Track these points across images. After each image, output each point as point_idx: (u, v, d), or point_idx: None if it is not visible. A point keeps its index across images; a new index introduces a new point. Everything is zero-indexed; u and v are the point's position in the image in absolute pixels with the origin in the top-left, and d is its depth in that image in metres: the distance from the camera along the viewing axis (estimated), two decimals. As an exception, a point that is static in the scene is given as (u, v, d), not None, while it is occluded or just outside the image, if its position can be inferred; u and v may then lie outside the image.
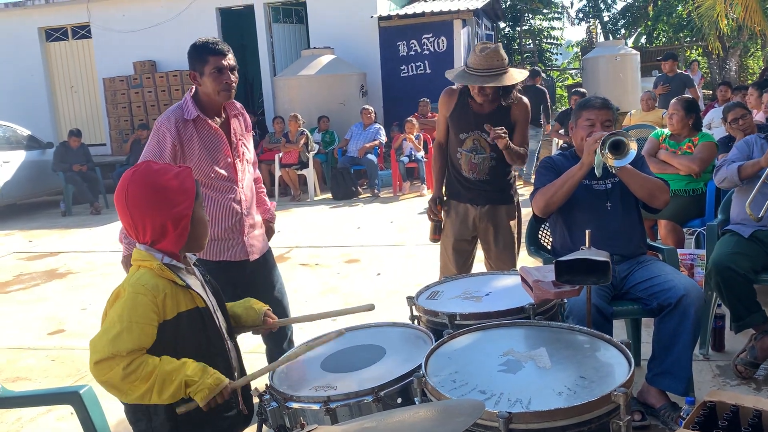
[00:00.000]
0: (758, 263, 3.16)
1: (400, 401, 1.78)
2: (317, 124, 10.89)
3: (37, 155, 10.51)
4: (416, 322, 2.26)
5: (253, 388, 1.94)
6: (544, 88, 10.23)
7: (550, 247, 3.43)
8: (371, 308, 1.97)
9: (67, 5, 13.54)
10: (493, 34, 16.77)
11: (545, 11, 22.06)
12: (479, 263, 3.64)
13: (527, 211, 3.40)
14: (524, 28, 21.67)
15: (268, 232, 3.07)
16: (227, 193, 2.72)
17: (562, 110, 10.79)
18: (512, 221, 3.42)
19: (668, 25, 21.30)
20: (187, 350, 1.75)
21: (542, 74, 12.53)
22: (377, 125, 10.34)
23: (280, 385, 1.89)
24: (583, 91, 9.41)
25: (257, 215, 2.92)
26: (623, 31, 22.94)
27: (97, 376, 1.63)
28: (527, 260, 3.68)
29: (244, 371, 1.99)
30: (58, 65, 14.23)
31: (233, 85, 2.65)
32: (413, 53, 12.58)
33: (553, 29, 22.68)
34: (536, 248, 3.41)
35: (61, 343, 4.50)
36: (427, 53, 12.53)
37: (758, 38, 16.56)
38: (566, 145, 8.68)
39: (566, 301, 2.30)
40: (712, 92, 13.72)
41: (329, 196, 9.87)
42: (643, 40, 23.19)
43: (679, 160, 4.49)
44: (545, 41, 22.67)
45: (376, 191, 9.69)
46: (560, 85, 22.48)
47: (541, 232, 3.51)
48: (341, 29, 12.39)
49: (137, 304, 1.66)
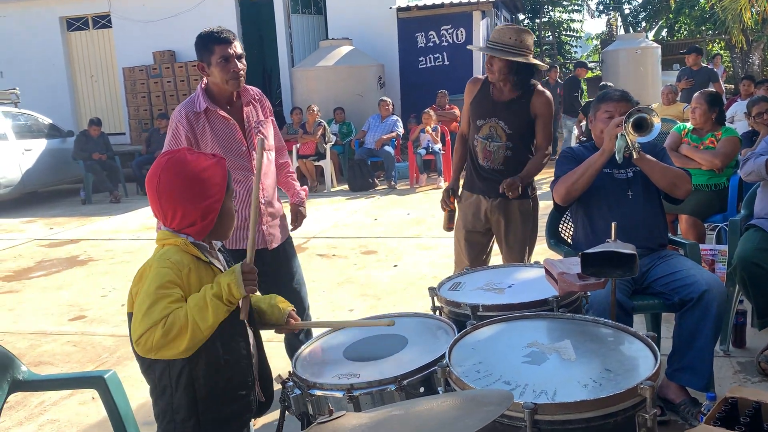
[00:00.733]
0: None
1: (422, 390, 1.78)
2: (333, 115, 10.90)
3: (57, 144, 10.63)
4: (438, 312, 2.26)
5: (276, 375, 1.95)
6: (561, 81, 10.18)
7: (570, 240, 3.41)
8: (391, 324, 1.99)
9: (88, -5, 13.65)
10: (512, 26, 16.63)
11: (565, 3, 21.89)
12: (498, 256, 3.63)
13: (547, 204, 3.38)
14: (543, 20, 21.50)
15: (297, 216, 3.04)
16: (243, 182, 2.70)
17: (585, 102, 10.73)
18: (526, 217, 3.35)
19: (690, 17, 21.04)
20: None
21: (556, 68, 12.45)
22: (395, 117, 10.32)
23: (303, 372, 1.89)
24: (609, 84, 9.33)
25: (277, 203, 2.90)
26: (644, 23, 22.71)
27: (143, 351, 1.64)
28: (546, 253, 3.66)
29: (263, 357, 2.00)
30: (78, 55, 14.35)
31: (241, 72, 2.60)
32: (432, 44, 12.52)
33: (572, 21, 22.50)
34: (556, 241, 3.39)
35: (82, 329, 4.56)
36: (445, 45, 12.46)
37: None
38: (584, 138, 8.61)
39: (589, 294, 2.29)
40: (734, 86, 13.55)
41: (346, 187, 9.88)
42: (664, 33, 22.94)
43: (701, 154, 4.44)
44: (564, 33, 22.48)
45: (392, 183, 9.68)
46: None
47: (561, 225, 3.49)
48: (360, 20, 12.36)
49: (162, 276, 1.68)
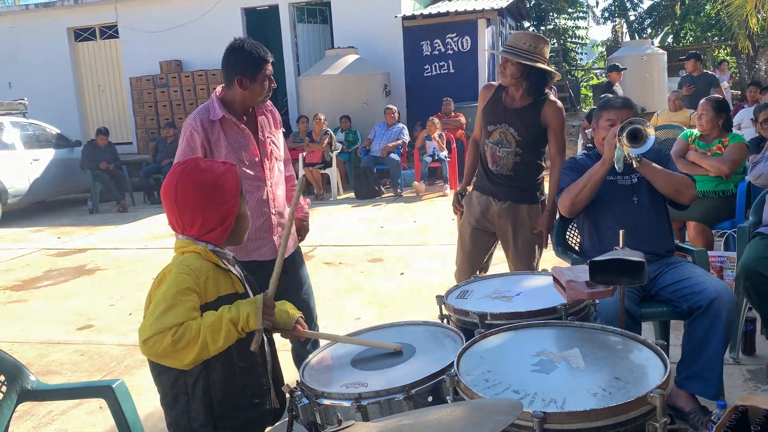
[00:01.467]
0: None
1: (431, 400, 1.77)
2: (339, 123, 10.93)
3: (65, 153, 10.70)
4: (446, 321, 2.25)
5: (284, 384, 1.96)
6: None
7: (577, 247, 3.40)
8: (398, 349, 1.99)
9: (95, 5, 13.75)
10: (517, 33, 16.65)
11: (570, 10, 21.89)
12: (503, 264, 3.62)
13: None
14: (549, 27, 21.51)
15: (301, 230, 3.06)
16: (255, 192, 2.71)
17: (590, 109, 10.72)
18: (535, 221, 3.35)
19: (696, 24, 21.01)
20: None
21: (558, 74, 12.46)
22: (400, 125, 10.34)
23: (311, 381, 1.89)
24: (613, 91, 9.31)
25: (287, 214, 2.91)
26: (649, 30, 22.67)
27: (149, 353, 1.65)
28: (554, 261, 3.66)
29: (277, 364, 2.01)
30: (86, 65, 14.46)
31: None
32: (437, 53, 12.55)
33: (578, 28, 22.49)
34: (564, 249, 3.38)
35: (89, 338, 4.57)
36: (450, 53, 12.50)
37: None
38: (590, 144, 8.59)
39: (597, 302, 2.28)
40: (741, 92, 13.51)
41: (352, 195, 9.89)
42: (670, 39, 22.90)
43: (708, 161, 4.43)
44: (570, 41, 22.48)
45: (398, 191, 9.69)
46: (585, 85, 22.29)
47: (568, 232, 3.48)
48: (365, 29, 12.41)
49: (181, 282, 1.70)
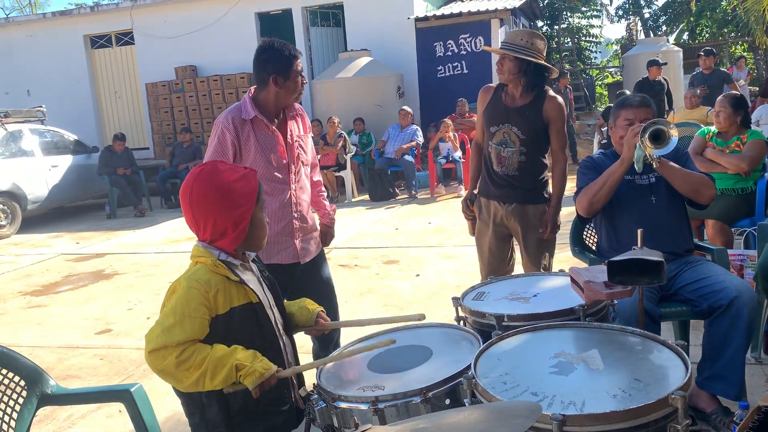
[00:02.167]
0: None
1: (448, 402, 1.76)
2: (353, 126, 10.94)
3: (83, 159, 10.82)
4: (462, 323, 2.24)
5: (300, 388, 1.95)
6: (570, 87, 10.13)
7: (594, 247, 3.37)
8: (422, 318, 1.96)
9: (111, 13, 13.91)
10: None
11: (584, 9, 21.75)
12: (519, 264, 3.59)
13: (569, 210, 3.35)
14: (562, 26, 21.40)
15: (326, 236, 3.04)
16: (279, 195, 2.70)
17: (605, 107, 10.67)
18: (543, 221, 3.31)
19: (712, 20, 20.80)
20: (239, 344, 1.78)
21: (567, 74, 12.41)
22: (414, 126, 10.33)
23: (327, 384, 1.89)
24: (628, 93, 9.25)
25: (311, 219, 2.89)
26: (664, 27, 22.48)
27: (152, 364, 1.68)
28: (571, 261, 3.62)
29: (298, 364, 2.01)
30: (102, 71, 14.62)
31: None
32: (450, 53, 12.53)
33: (591, 27, 22.35)
34: (581, 249, 3.36)
35: (108, 342, 4.61)
36: (464, 53, 12.47)
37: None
38: (605, 142, 8.54)
39: (616, 302, 2.26)
40: (759, 88, 13.33)
41: (367, 197, 9.90)
42: (685, 36, 22.68)
43: (727, 158, 4.37)
44: (584, 39, 22.35)
45: (413, 192, 9.68)
46: (599, 83, 22.14)
47: (585, 232, 3.45)
48: (378, 31, 12.43)
49: (190, 298, 1.71)
